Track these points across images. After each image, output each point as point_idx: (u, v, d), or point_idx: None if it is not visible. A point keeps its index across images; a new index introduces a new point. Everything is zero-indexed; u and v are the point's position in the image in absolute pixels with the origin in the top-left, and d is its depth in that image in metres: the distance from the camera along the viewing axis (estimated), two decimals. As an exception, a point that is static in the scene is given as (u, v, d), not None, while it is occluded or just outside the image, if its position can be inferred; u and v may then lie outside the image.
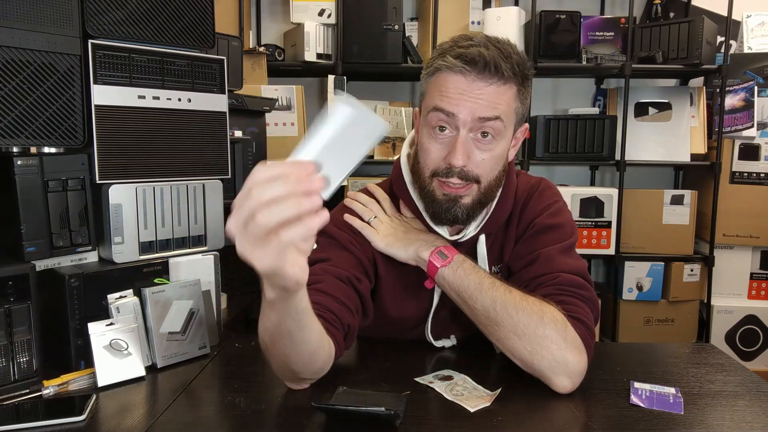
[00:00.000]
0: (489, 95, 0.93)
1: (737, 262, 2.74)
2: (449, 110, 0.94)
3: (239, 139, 1.69)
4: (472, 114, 0.93)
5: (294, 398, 0.88)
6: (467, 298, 0.94)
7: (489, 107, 0.93)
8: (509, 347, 0.92)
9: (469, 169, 0.96)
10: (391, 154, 2.66)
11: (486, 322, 0.93)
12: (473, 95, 0.93)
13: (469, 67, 0.92)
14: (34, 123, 0.97)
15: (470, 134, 0.95)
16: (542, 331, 0.88)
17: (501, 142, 0.97)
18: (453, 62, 0.93)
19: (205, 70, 1.16)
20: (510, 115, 0.97)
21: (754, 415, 0.84)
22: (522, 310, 0.90)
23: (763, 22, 2.70)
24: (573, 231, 1.06)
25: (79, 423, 0.80)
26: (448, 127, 0.96)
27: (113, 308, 0.99)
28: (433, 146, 0.98)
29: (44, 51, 0.97)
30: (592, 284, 1.00)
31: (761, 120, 2.61)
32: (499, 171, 1.00)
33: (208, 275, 1.16)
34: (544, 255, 1.00)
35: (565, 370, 0.88)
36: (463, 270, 0.96)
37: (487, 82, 0.93)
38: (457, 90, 0.93)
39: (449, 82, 0.94)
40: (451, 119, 0.94)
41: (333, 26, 2.53)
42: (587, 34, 2.64)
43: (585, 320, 0.93)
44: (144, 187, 1.08)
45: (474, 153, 0.96)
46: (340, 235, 1.04)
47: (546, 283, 0.97)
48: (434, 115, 0.96)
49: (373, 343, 1.12)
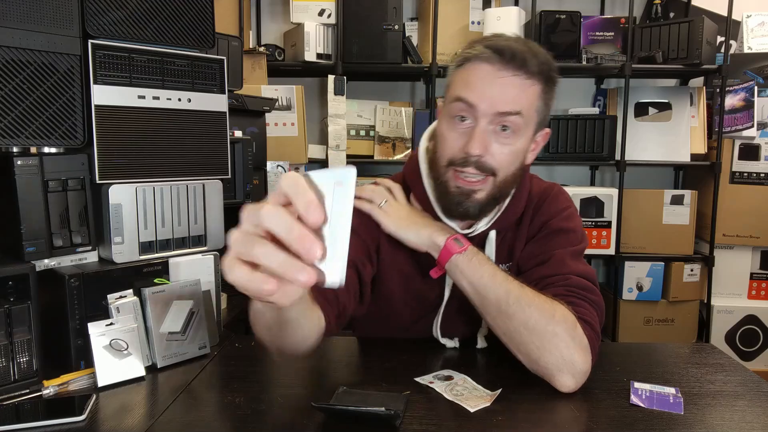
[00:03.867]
0: (512, 87, 0.94)
1: (737, 262, 2.74)
2: (471, 101, 0.94)
3: (239, 139, 1.69)
4: (493, 107, 0.93)
5: (294, 398, 0.88)
6: (480, 288, 0.94)
7: (511, 101, 0.94)
8: (517, 341, 0.92)
9: (485, 160, 0.96)
10: (391, 154, 2.66)
11: (496, 313, 0.93)
12: (497, 84, 0.94)
13: (496, 56, 0.93)
14: (34, 123, 0.97)
15: (490, 126, 0.95)
16: (552, 328, 0.89)
17: (521, 138, 0.97)
18: (481, 50, 0.95)
19: (205, 70, 1.16)
20: (531, 114, 0.97)
21: (754, 415, 0.84)
22: (534, 306, 0.90)
23: (763, 22, 2.70)
24: (583, 237, 1.07)
25: (79, 423, 0.80)
26: (468, 118, 0.96)
27: (113, 308, 0.99)
28: (452, 135, 0.98)
29: (44, 51, 0.97)
30: (599, 289, 1.01)
31: (761, 120, 2.61)
32: (516, 167, 1.00)
33: (208, 275, 1.16)
34: (556, 256, 1.01)
35: (571, 369, 0.88)
36: (478, 260, 0.96)
37: (512, 73, 0.94)
38: (481, 79, 0.94)
39: (476, 71, 0.95)
40: (472, 110, 0.95)
41: (333, 26, 2.53)
42: (587, 34, 2.64)
43: (592, 323, 0.93)
44: (144, 187, 1.08)
45: (492, 145, 0.96)
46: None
47: (556, 283, 0.97)
48: (456, 105, 0.96)
49: (373, 343, 1.12)
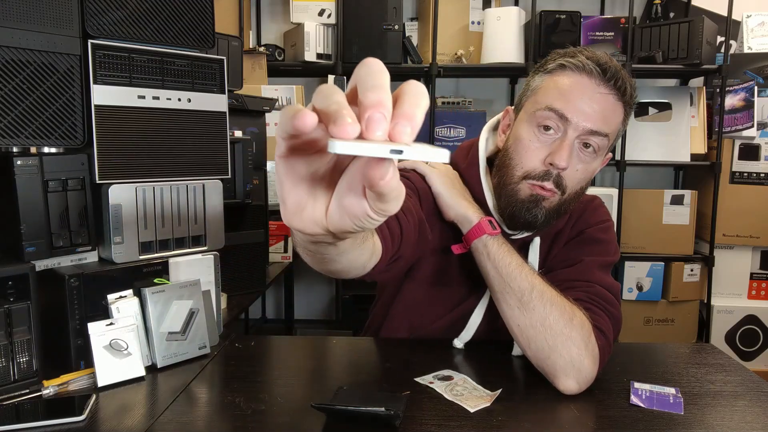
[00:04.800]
0: (606, 106, 0.92)
1: (737, 262, 2.74)
2: (564, 113, 0.92)
3: (239, 139, 1.69)
4: (586, 123, 0.91)
5: (294, 398, 0.88)
6: (506, 275, 0.93)
7: (603, 121, 0.92)
8: (529, 336, 0.91)
9: (563, 176, 0.94)
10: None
11: (516, 304, 0.92)
12: (594, 99, 0.91)
13: (599, 70, 0.91)
14: (34, 123, 0.97)
15: (576, 142, 0.93)
16: (569, 331, 0.88)
17: (598, 158, 0.97)
18: (584, 61, 0.92)
19: (205, 70, 1.16)
20: (613, 136, 0.96)
21: (754, 415, 0.84)
22: (556, 305, 0.90)
23: (763, 22, 2.70)
24: (616, 251, 1.07)
25: (79, 423, 0.80)
26: (554, 128, 0.93)
27: (113, 308, 0.99)
28: (534, 145, 0.95)
29: (44, 51, 0.97)
30: (620, 306, 1.00)
31: (761, 120, 2.61)
32: (582, 187, 0.99)
33: (208, 275, 1.16)
34: (585, 263, 1.00)
35: (578, 374, 0.88)
36: (507, 248, 0.96)
37: (609, 91, 0.92)
38: (580, 91, 0.92)
39: (573, 82, 0.93)
40: (563, 122, 0.92)
41: (333, 26, 2.53)
42: (587, 34, 2.64)
43: (607, 333, 0.93)
44: (144, 187, 1.08)
45: (574, 160, 0.94)
46: (405, 183, 1.01)
47: (579, 288, 0.97)
48: (545, 113, 0.93)
49: (373, 343, 1.12)
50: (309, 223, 0.44)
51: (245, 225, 1.78)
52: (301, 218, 0.43)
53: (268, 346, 1.17)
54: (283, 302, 3.05)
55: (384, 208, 0.40)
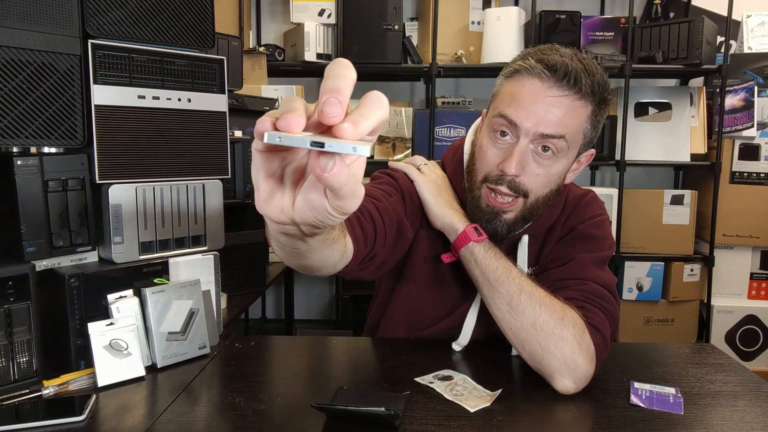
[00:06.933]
0: (560, 109, 0.90)
1: (737, 262, 2.74)
2: (514, 120, 0.92)
3: (239, 139, 1.70)
4: (536, 127, 0.91)
5: (294, 398, 0.88)
6: (493, 280, 0.94)
7: (556, 123, 0.91)
8: (522, 338, 0.91)
9: (520, 181, 0.94)
10: (391, 154, 2.66)
11: (506, 308, 0.93)
12: (545, 103, 0.90)
13: (548, 72, 0.90)
14: (34, 123, 0.97)
15: (531, 145, 0.93)
16: (560, 331, 0.88)
17: (561, 161, 0.95)
18: (533, 64, 0.91)
19: (205, 70, 1.16)
20: (577, 136, 0.94)
21: (754, 415, 0.84)
22: (545, 306, 0.90)
23: (763, 22, 2.70)
24: (611, 246, 1.06)
25: (79, 423, 0.80)
26: (509, 134, 0.94)
27: (113, 308, 0.99)
28: (491, 150, 0.96)
29: (44, 51, 0.97)
30: (618, 302, 0.99)
31: (761, 120, 2.61)
32: (550, 190, 0.97)
33: (208, 275, 1.16)
34: (577, 260, 1.00)
35: (573, 373, 0.88)
36: (494, 252, 0.96)
37: (563, 93, 0.90)
38: (529, 96, 0.91)
39: (524, 87, 0.92)
40: (514, 128, 0.92)
41: (333, 26, 2.53)
42: (587, 34, 2.64)
43: (602, 330, 0.92)
44: (144, 187, 1.08)
45: (530, 165, 0.93)
46: (389, 181, 1.04)
47: (573, 287, 0.97)
48: (498, 120, 0.94)
49: (373, 343, 1.12)
50: (277, 211, 0.48)
51: (245, 225, 1.78)
52: (270, 206, 0.48)
53: (268, 346, 1.17)
54: (283, 302, 3.05)
55: (341, 205, 0.45)
